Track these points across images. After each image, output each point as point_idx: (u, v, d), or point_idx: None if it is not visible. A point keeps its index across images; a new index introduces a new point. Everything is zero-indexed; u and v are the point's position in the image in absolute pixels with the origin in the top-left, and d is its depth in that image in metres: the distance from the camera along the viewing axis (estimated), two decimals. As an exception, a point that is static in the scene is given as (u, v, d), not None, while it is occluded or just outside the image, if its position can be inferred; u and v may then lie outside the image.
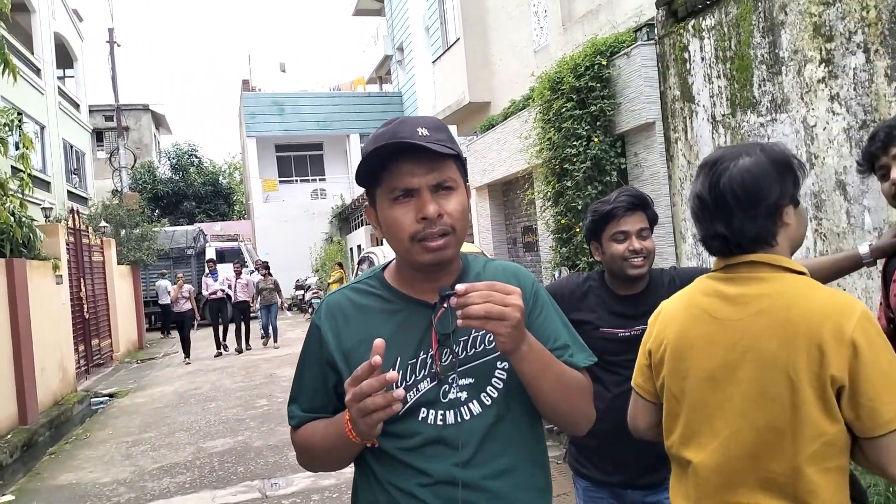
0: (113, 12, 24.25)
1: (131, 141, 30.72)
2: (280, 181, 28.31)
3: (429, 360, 1.36)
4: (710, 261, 1.61)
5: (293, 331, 17.35)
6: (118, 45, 23.21)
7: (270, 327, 14.83)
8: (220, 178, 33.96)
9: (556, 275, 6.89)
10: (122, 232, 17.50)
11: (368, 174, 1.37)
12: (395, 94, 26.91)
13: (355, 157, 27.69)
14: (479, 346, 1.40)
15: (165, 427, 8.27)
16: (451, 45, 13.98)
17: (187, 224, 26.74)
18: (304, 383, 1.48)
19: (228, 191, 34.81)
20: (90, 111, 25.34)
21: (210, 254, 21.12)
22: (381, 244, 14.72)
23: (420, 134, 1.30)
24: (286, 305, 14.20)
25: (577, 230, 6.92)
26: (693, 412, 1.50)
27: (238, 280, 14.71)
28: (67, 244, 11.43)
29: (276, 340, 15.00)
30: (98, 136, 29.71)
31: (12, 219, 8.11)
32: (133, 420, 8.82)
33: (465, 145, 12.86)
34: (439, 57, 14.64)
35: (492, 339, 1.35)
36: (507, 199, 10.99)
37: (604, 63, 6.76)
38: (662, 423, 1.61)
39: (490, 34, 13.02)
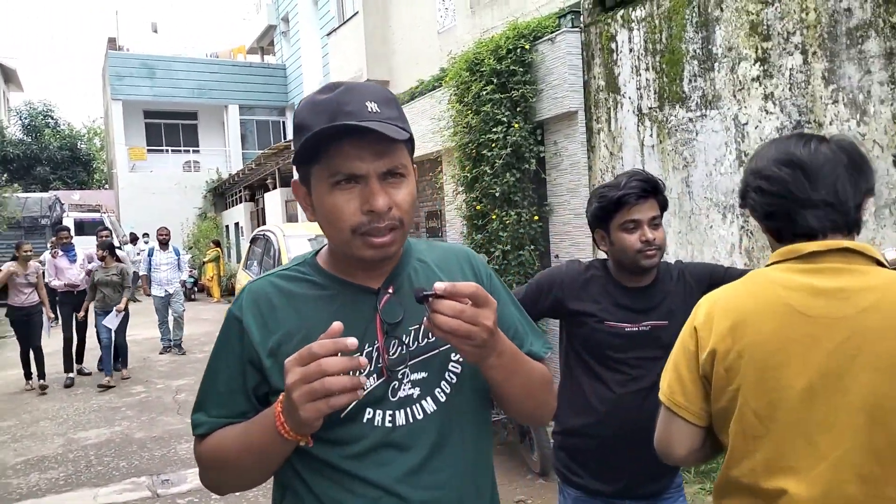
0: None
1: (-25, 96, 27.67)
2: (149, 150, 26.29)
3: (374, 354, 1.23)
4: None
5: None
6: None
7: (111, 348, 8.67)
8: (80, 143, 31.27)
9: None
10: (-33, 196, 15.67)
11: (307, 150, 1.18)
12: (278, 66, 25.79)
13: (233, 129, 26.28)
14: (432, 336, 1.27)
15: (26, 415, 7.41)
16: (348, 19, 13.46)
17: (41, 191, 24.41)
18: (216, 385, 1.27)
19: (88, 157, 32.15)
20: (-73, 59, 22.52)
21: (69, 225, 19.36)
22: (281, 221, 13.63)
23: (370, 110, 1.14)
24: (123, 306, 8.61)
25: (494, 217, 6.76)
26: (787, 431, 1.27)
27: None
28: None
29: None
30: (-65, 87, 26.53)
31: None
32: (-15, 408, 7.84)
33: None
34: (335, 30, 14.07)
35: None
36: (408, 181, 10.70)
37: (527, 47, 6.61)
38: (729, 449, 1.36)
39: (390, 10, 12.62)
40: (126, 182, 24.89)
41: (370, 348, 1.23)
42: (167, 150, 26.95)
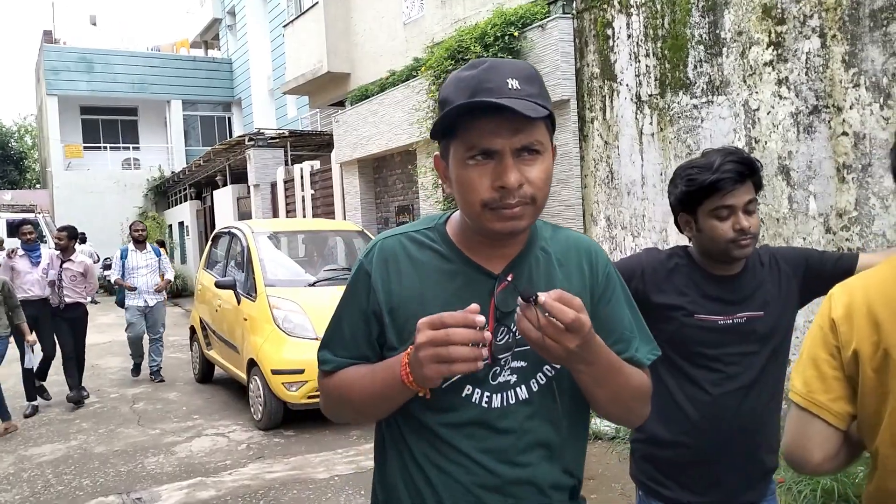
0: None
1: None
2: (85, 147, 25.07)
3: None
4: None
5: (105, 315, 15.19)
6: None
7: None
8: (11, 141, 29.64)
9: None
10: None
11: (444, 124, 1.24)
12: (224, 60, 25.00)
13: (176, 125, 25.30)
14: None
15: (-33, 431, 6.74)
16: (307, 10, 12.97)
17: (-32, 191, 23.01)
18: (342, 331, 1.38)
19: (20, 156, 30.57)
20: None
21: (-1, 227, 18.17)
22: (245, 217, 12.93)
23: (510, 87, 1.17)
24: (31, 337, 7.00)
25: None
26: None
27: (66, 265, 7.60)
28: None
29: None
30: None
31: None
32: (-79, 423, 7.12)
33: (332, 117, 11.98)
34: (292, 21, 13.57)
35: None
36: (378, 176, 10.31)
37: (515, 34, 6.35)
38: (881, 459, 1.21)
39: (353, 1, 12.21)
40: (61, 181, 23.64)
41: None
42: (105, 148, 25.73)
